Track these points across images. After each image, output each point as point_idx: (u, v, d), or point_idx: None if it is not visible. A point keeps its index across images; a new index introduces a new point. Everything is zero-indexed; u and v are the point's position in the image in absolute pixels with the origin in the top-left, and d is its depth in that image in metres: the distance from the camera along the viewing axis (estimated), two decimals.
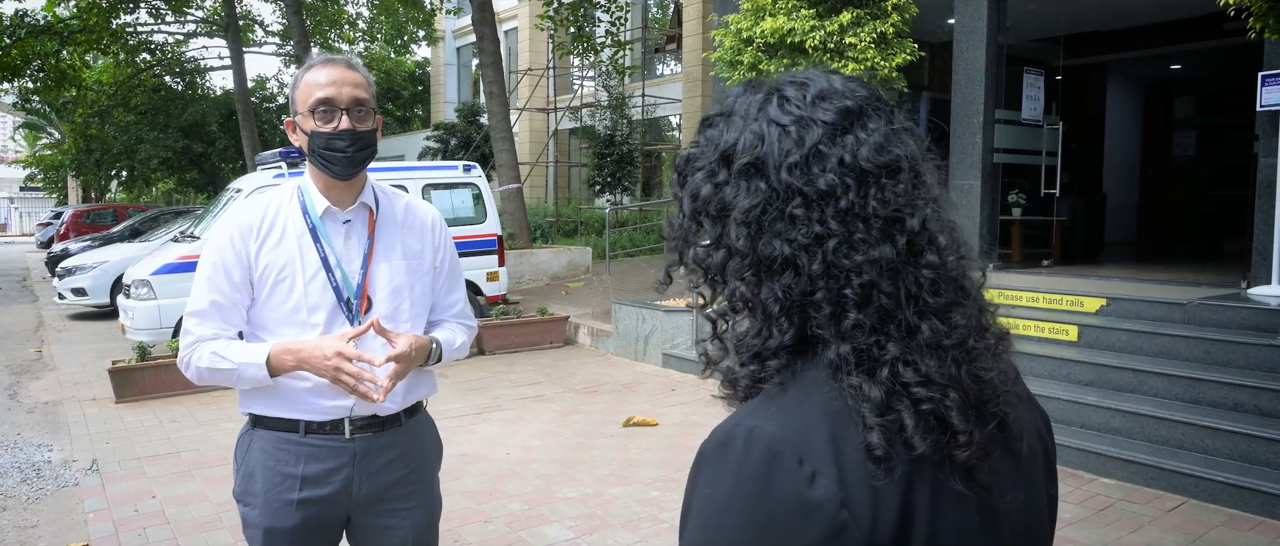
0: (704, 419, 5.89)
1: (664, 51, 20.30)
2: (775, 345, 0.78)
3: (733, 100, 0.87)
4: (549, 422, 5.89)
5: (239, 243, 1.86)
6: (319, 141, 1.83)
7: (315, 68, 1.86)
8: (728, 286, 0.82)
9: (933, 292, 0.77)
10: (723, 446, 0.76)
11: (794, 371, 0.79)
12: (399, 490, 1.96)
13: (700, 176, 0.84)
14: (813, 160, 0.78)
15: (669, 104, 18.56)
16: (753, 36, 7.26)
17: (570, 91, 21.15)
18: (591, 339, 8.79)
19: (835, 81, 0.83)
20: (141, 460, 5.16)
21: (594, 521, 4.11)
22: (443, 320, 2.08)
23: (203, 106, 26.70)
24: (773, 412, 0.76)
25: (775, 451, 0.73)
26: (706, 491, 0.76)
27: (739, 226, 0.79)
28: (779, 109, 0.81)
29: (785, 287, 0.77)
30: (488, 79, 13.09)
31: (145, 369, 6.67)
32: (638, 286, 11.29)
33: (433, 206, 2.10)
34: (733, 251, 0.80)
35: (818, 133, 0.79)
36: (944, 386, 0.75)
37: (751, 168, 0.80)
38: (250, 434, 1.94)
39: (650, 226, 16.65)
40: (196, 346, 1.86)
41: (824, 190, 0.77)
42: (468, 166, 9.11)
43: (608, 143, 17.56)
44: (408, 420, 1.99)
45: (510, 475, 4.78)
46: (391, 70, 28.72)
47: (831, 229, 0.76)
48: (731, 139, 0.82)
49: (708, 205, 0.82)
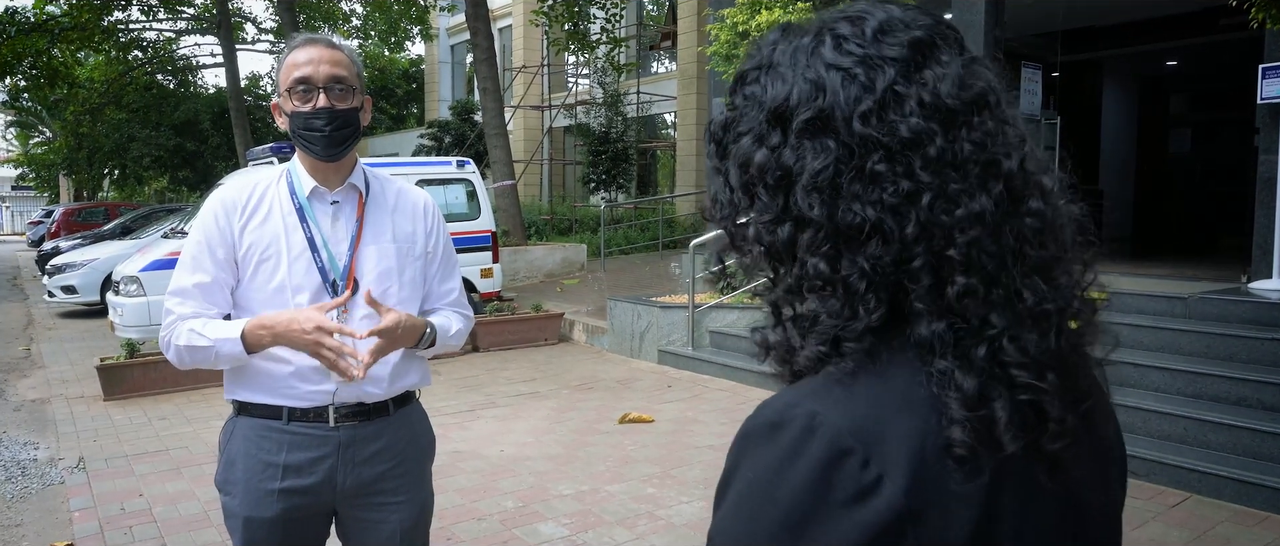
0: (701, 416, 5.83)
1: (658, 48, 20.25)
2: (861, 326, 0.67)
3: (769, 49, 0.75)
4: (544, 419, 5.82)
5: (223, 220, 1.82)
6: (298, 121, 1.80)
7: (296, 48, 1.82)
8: (798, 264, 0.70)
9: (1037, 245, 0.67)
10: (773, 428, 0.66)
11: (875, 351, 0.68)
12: (386, 483, 1.90)
13: (747, 141, 0.73)
14: (889, 105, 0.67)
15: (664, 101, 18.51)
16: (748, 30, 7.20)
17: (565, 89, 21.07)
18: (586, 336, 8.72)
19: (893, 10, 0.71)
20: (129, 458, 5.07)
21: (589, 518, 4.04)
22: (437, 308, 2.02)
23: (195, 104, 26.56)
24: (840, 398, 0.66)
25: (840, 447, 0.63)
26: (748, 475, 0.67)
27: (809, 193, 0.67)
28: (835, 50, 0.69)
29: (873, 258, 0.66)
30: (482, 75, 13.01)
31: (134, 366, 6.58)
32: (633, 283, 11.22)
33: (425, 193, 2.04)
34: (804, 222, 0.69)
35: (890, 73, 0.67)
36: (1044, 366, 0.65)
37: (815, 123, 0.68)
38: (233, 421, 1.89)
39: (645, 224, 16.60)
40: (176, 325, 1.81)
41: (907, 138, 0.66)
42: (461, 162, 9.04)
43: (603, 140, 17.49)
44: (396, 410, 1.92)
45: (504, 472, 4.71)
46: (386, 68, 28.60)
47: (923, 182, 0.65)
48: (780, 93, 0.71)
49: (764, 173, 0.70)
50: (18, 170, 42.94)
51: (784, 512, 0.63)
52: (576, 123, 19.32)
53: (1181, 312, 5.53)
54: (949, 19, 6.63)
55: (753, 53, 0.77)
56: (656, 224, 15.97)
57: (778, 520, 0.63)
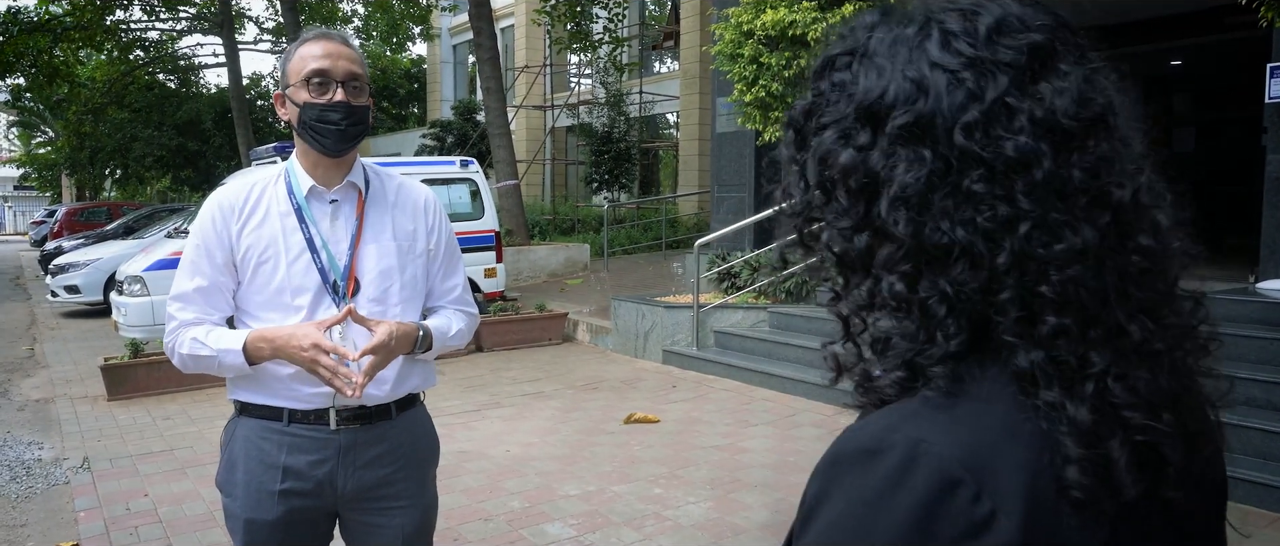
0: (706, 416, 5.81)
1: (660, 48, 20.23)
2: (939, 353, 0.61)
3: (864, 34, 0.68)
4: (549, 419, 5.80)
5: (221, 223, 1.80)
6: (311, 113, 1.76)
7: (310, 41, 1.80)
8: (873, 278, 0.65)
9: (1142, 285, 0.61)
10: (870, 455, 0.60)
11: (961, 376, 0.62)
12: (388, 488, 1.87)
13: (831, 136, 0.66)
14: (997, 118, 0.60)
15: (666, 101, 18.49)
16: (753, 29, 7.18)
17: (567, 89, 21.05)
18: (590, 335, 8.70)
19: (1010, 6, 0.64)
20: (133, 458, 5.06)
21: (597, 519, 4.02)
22: (440, 306, 1.99)
23: (197, 104, 26.57)
24: (943, 424, 0.59)
25: (950, 478, 0.57)
26: (840, 505, 0.60)
27: (896, 206, 0.61)
28: (943, 48, 0.63)
29: (957, 283, 0.60)
30: (485, 75, 12.99)
31: (138, 366, 6.57)
32: (636, 283, 11.21)
33: (427, 188, 2.02)
34: (884, 235, 0.63)
35: (1002, 81, 0.60)
36: (1157, 406, 0.60)
37: (913, 129, 0.62)
38: (236, 421, 1.87)
39: (647, 224, 16.59)
40: (179, 331, 1.80)
41: (1012, 158, 0.59)
42: (465, 161, 9.02)
43: (605, 140, 17.48)
44: (399, 414, 1.90)
45: (510, 472, 4.69)
46: (387, 68, 28.61)
47: (1023, 209, 0.59)
48: (875, 87, 0.64)
49: (848, 176, 0.64)
50: (20, 170, 42.96)
51: (885, 544, 0.57)
52: (579, 122, 19.30)
53: None
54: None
55: (844, 34, 0.71)
56: (659, 224, 15.96)
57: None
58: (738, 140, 9.34)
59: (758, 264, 7.73)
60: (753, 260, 7.77)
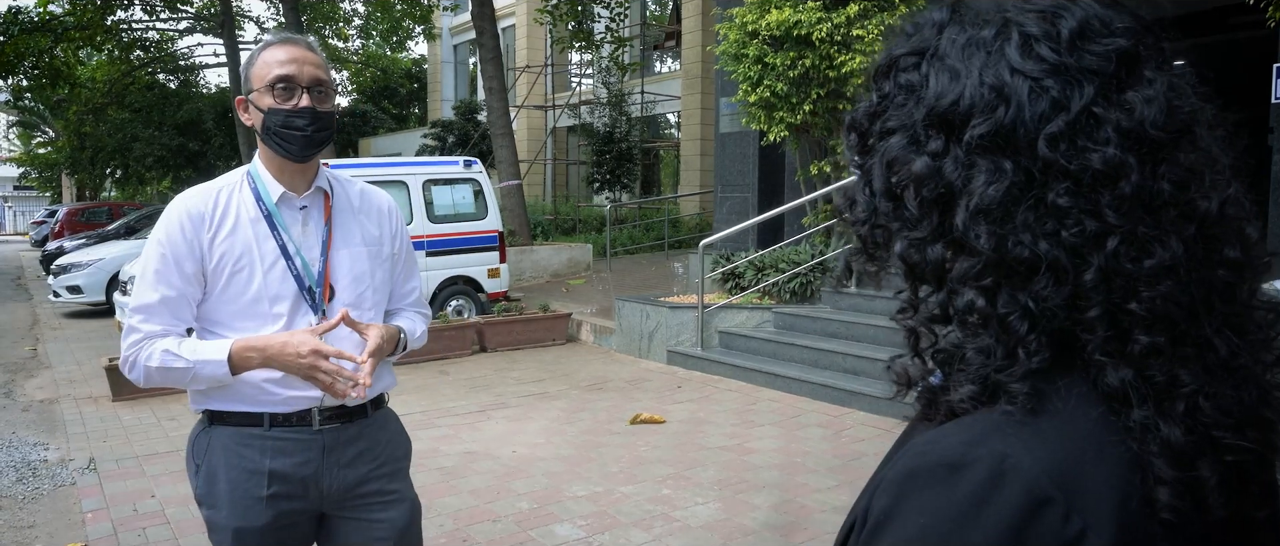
0: (712, 416, 5.81)
1: (662, 48, 20.23)
2: (1022, 371, 0.59)
3: (932, 32, 0.65)
4: (554, 420, 5.80)
5: (191, 232, 1.76)
6: (276, 119, 1.74)
7: (273, 46, 1.79)
8: (946, 291, 0.63)
9: (1227, 299, 0.59)
10: (951, 470, 0.58)
11: (1043, 392, 0.60)
12: (373, 485, 1.89)
13: (899, 141, 0.63)
14: (1082, 128, 0.58)
15: (668, 101, 18.48)
16: (758, 29, 7.18)
17: (568, 89, 21.04)
18: (594, 336, 8.70)
19: (1091, 9, 0.61)
20: (139, 459, 5.05)
21: (605, 520, 4.02)
22: (400, 309, 2.04)
23: (198, 104, 26.54)
24: (1028, 440, 0.57)
25: (1038, 495, 0.55)
26: (918, 520, 0.58)
27: (976, 219, 0.59)
28: (1023, 53, 0.60)
29: (1040, 299, 0.58)
30: (487, 75, 12.99)
31: None
32: (639, 283, 11.20)
33: (386, 194, 2.05)
34: (962, 248, 0.60)
35: (1089, 90, 0.58)
36: (1245, 424, 0.58)
37: (993, 139, 0.59)
38: (207, 432, 1.83)
39: (649, 224, 16.59)
40: (144, 344, 1.74)
41: (1099, 171, 0.57)
42: (469, 161, 9.01)
43: (607, 140, 17.47)
44: (373, 412, 1.93)
45: (517, 473, 4.69)
46: (388, 67, 28.60)
47: (1111, 223, 0.57)
48: (948, 91, 0.61)
49: (920, 185, 0.62)
50: (20, 170, 42.95)
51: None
52: (580, 122, 19.30)
53: None
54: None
55: (909, 32, 0.67)
56: (661, 224, 15.96)
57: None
58: (741, 140, 9.34)
59: (762, 264, 7.72)
60: (757, 260, 7.76)
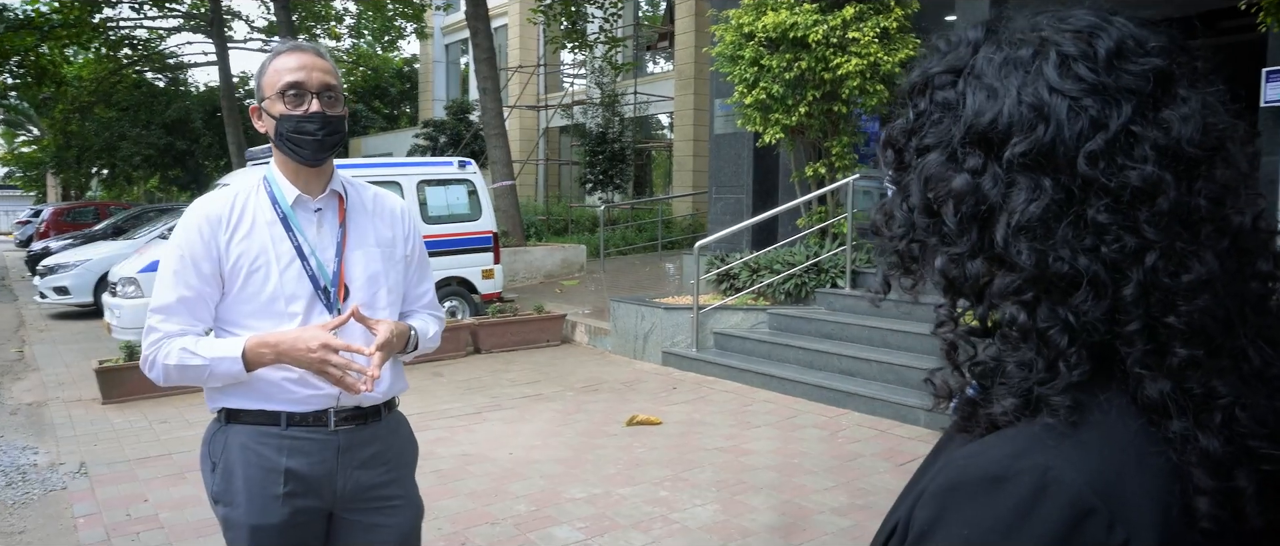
0: (708, 418, 5.80)
1: (655, 48, 20.22)
2: (1063, 384, 0.60)
3: (967, 51, 0.67)
4: (550, 422, 5.77)
5: (208, 234, 1.81)
6: (288, 125, 1.80)
7: (284, 53, 1.84)
8: (985, 305, 0.64)
9: (1260, 311, 0.61)
10: (995, 483, 0.59)
11: (1083, 404, 0.61)
12: (383, 490, 1.92)
13: (937, 158, 0.65)
14: (1121, 147, 0.59)
15: (661, 101, 18.48)
16: (754, 31, 7.17)
17: (560, 89, 21.01)
18: (589, 337, 8.68)
19: (1125, 28, 0.63)
20: (131, 462, 5.00)
21: (604, 522, 4.00)
22: (413, 310, 2.07)
23: (186, 103, 26.37)
24: (1070, 452, 0.58)
25: (1084, 506, 0.56)
26: (961, 531, 0.59)
27: (1017, 235, 0.60)
28: (1061, 73, 0.61)
29: (1079, 313, 0.60)
30: (481, 75, 12.96)
31: (133, 369, 6.49)
32: (632, 284, 11.19)
33: (399, 197, 2.10)
34: (1002, 263, 0.62)
35: (1126, 109, 0.60)
36: (1277, 435, 0.60)
37: (1033, 157, 0.60)
38: (224, 430, 1.86)
39: (641, 224, 16.57)
40: (163, 343, 1.78)
41: (1137, 188, 0.58)
42: (463, 162, 8.98)
43: (600, 140, 17.44)
44: (387, 415, 1.96)
45: (514, 475, 4.66)
46: (379, 67, 28.48)
47: (1149, 238, 0.59)
48: (987, 109, 0.63)
49: (960, 201, 0.63)
50: (4, 170, 42.56)
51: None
52: (573, 123, 19.27)
53: None
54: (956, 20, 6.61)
55: (943, 50, 0.69)
56: (653, 225, 15.94)
57: None
58: (735, 142, 9.34)
59: (757, 265, 7.72)
60: (752, 261, 7.76)
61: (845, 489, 4.41)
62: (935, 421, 5.38)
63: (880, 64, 6.95)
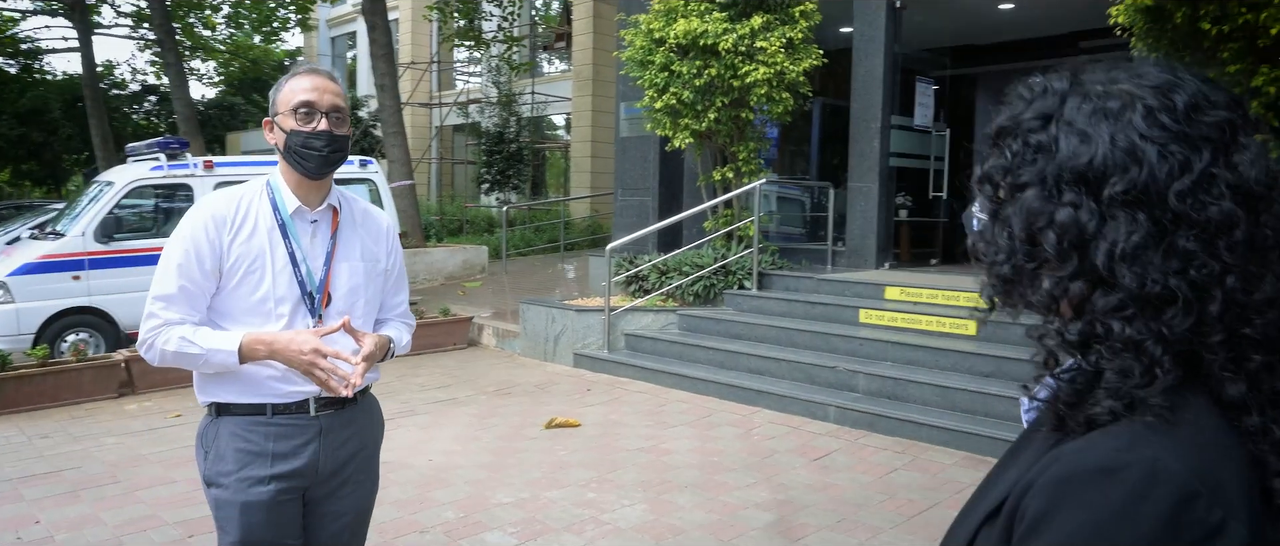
0: (625, 419, 5.88)
1: (552, 49, 20.16)
2: (1159, 388, 0.70)
3: (1053, 100, 0.77)
4: (467, 426, 5.72)
5: (213, 232, 1.96)
6: (297, 140, 1.96)
7: (300, 75, 2.02)
8: (1086, 321, 0.74)
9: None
10: (1108, 474, 0.68)
11: (1175, 404, 0.71)
12: (354, 465, 2.12)
13: (1036, 194, 0.75)
14: (1203, 186, 0.70)
15: (558, 102, 18.44)
16: (665, 37, 7.30)
17: (453, 87, 20.65)
18: (496, 340, 8.61)
19: (1193, 84, 0.74)
20: (15, 481, 4.65)
21: (535, 526, 4.02)
22: (387, 319, 2.24)
23: (43, 91, 24.39)
24: (1171, 445, 0.68)
25: (1189, 492, 0.65)
26: (1079, 517, 0.68)
27: (1119, 261, 0.71)
28: (1148, 122, 0.72)
29: (1171, 326, 0.70)
30: (379, 72, 12.59)
31: (7, 380, 6.02)
32: (536, 286, 11.15)
33: (385, 212, 2.27)
34: (1102, 284, 0.72)
35: (1206, 154, 0.70)
36: None
37: (1130, 194, 0.71)
38: (216, 422, 2.03)
39: (539, 225, 16.50)
40: (163, 330, 1.94)
41: (1217, 220, 0.69)
42: (364, 161, 8.73)
43: (498, 140, 17.25)
44: (362, 399, 2.17)
45: (437, 482, 4.61)
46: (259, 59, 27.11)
47: (1228, 262, 0.69)
48: (1082, 152, 0.73)
49: (1063, 232, 0.73)
50: None
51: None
52: (468, 121, 18.97)
53: None
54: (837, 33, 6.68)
55: (1026, 98, 0.79)
56: (553, 226, 15.91)
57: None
58: (642, 145, 9.46)
59: (666, 267, 7.86)
60: (661, 263, 7.89)
61: (766, 485, 4.58)
62: (845, 418, 5.65)
63: (786, 73, 7.21)
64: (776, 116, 7.61)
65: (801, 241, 9.39)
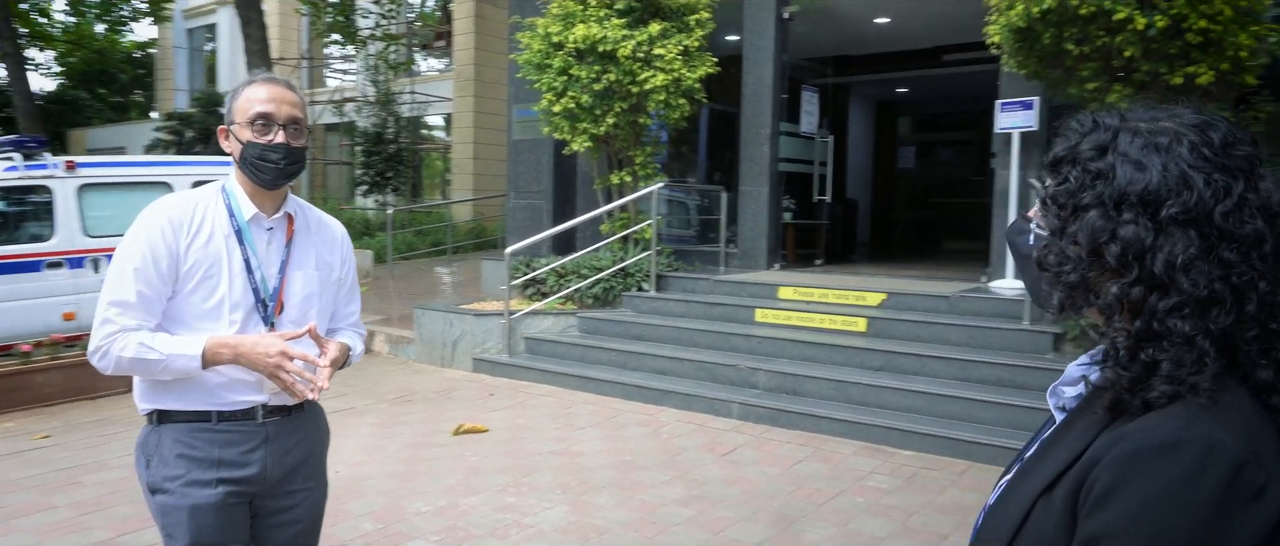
0: (533, 422, 5.88)
1: (431, 48, 19.73)
2: (1209, 374, 0.84)
3: (1106, 134, 0.92)
4: (370, 436, 5.57)
5: (170, 236, 1.94)
6: (253, 151, 1.95)
7: (257, 84, 2.01)
8: (1144, 319, 0.87)
9: None
10: (1172, 448, 0.81)
11: (1220, 388, 0.85)
12: (302, 472, 2.11)
13: (1096, 215, 0.89)
14: (1240, 207, 0.85)
15: (439, 102, 18.06)
16: (563, 41, 7.34)
17: (325, 85, 19.87)
18: (390, 346, 8.39)
19: (1228, 126, 0.90)
20: None
21: (459, 533, 3.98)
22: (340, 328, 2.24)
23: None
24: (1222, 423, 0.82)
25: (1240, 461, 0.79)
26: (1147, 487, 0.80)
27: (1177, 271, 0.85)
28: (1194, 155, 0.87)
29: (1217, 323, 0.84)
30: (254, 68, 12.00)
31: None
32: (425, 290, 10.92)
33: (339, 222, 2.27)
34: (1158, 289, 0.86)
35: (1242, 182, 0.86)
36: None
37: (1185, 214, 0.85)
38: (158, 430, 2.00)
39: (420, 229, 16.11)
40: (119, 336, 1.90)
41: (1251, 236, 0.85)
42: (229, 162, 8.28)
43: (376, 140, 16.71)
44: (308, 407, 2.16)
45: (350, 493, 4.48)
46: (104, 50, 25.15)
47: (1261, 270, 0.85)
48: (1138, 179, 0.87)
49: (1127, 247, 0.87)
50: None
51: (1200, 518, 0.78)
52: (343, 120, 18.29)
53: (947, 309, 6.47)
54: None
55: (1079, 130, 0.94)
56: (436, 229, 15.57)
57: (1197, 522, 0.78)
58: (536, 148, 9.45)
59: (564, 271, 7.89)
60: (559, 267, 7.91)
61: (680, 481, 4.71)
62: (748, 414, 5.86)
63: (682, 80, 7.40)
64: (673, 122, 7.79)
65: (694, 244, 9.62)
